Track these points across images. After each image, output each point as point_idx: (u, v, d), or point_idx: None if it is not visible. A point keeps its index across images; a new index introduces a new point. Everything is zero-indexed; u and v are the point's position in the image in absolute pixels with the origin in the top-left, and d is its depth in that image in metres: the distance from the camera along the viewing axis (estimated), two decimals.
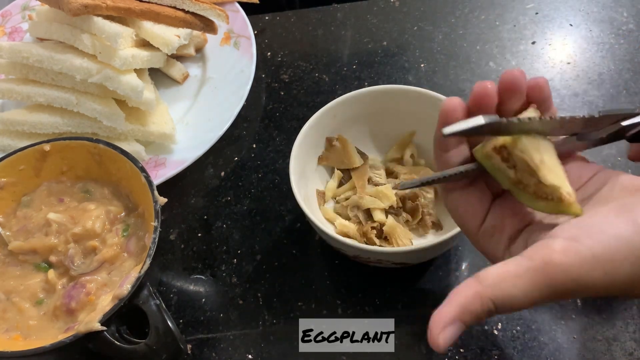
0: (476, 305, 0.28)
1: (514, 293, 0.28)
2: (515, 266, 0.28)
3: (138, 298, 0.42)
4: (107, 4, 0.58)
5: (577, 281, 0.27)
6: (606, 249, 0.27)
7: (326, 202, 0.55)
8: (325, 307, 0.51)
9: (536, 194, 0.32)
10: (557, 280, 0.27)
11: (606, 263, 0.27)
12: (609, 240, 0.27)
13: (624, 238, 0.27)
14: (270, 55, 0.73)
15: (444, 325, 0.28)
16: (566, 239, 0.28)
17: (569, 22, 0.70)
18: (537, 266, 0.27)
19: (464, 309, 0.28)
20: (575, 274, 0.27)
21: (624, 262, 0.27)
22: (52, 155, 0.52)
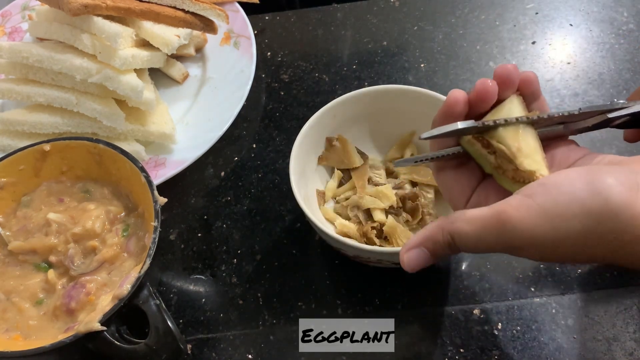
0: (438, 236, 0.33)
1: (469, 232, 0.31)
2: (478, 212, 0.31)
3: (138, 298, 0.42)
4: (107, 4, 0.58)
5: (525, 233, 0.30)
6: (556, 205, 0.29)
7: (326, 202, 0.55)
8: (325, 307, 0.51)
9: (514, 178, 0.34)
10: (506, 231, 0.30)
11: (554, 217, 0.29)
12: (561, 197, 0.29)
13: (577, 197, 0.29)
14: (270, 55, 0.73)
15: (409, 248, 0.34)
16: (523, 195, 0.30)
17: (569, 22, 0.70)
18: (492, 214, 0.31)
19: (428, 237, 0.34)
20: (524, 227, 0.29)
21: (573, 220, 0.29)
22: (52, 155, 0.52)
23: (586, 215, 0.29)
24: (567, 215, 0.29)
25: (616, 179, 0.29)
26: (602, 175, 0.29)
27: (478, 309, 0.49)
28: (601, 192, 0.29)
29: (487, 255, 0.51)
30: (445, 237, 0.33)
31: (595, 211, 0.29)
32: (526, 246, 0.31)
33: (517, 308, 0.48)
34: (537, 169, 0.33)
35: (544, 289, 0.49)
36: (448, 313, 0.49)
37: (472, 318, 0.48)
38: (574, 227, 0.29)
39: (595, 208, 0.29)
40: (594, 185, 0.29)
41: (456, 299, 0.49)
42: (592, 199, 0.29)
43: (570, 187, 0.29)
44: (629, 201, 0.29)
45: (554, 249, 0.30)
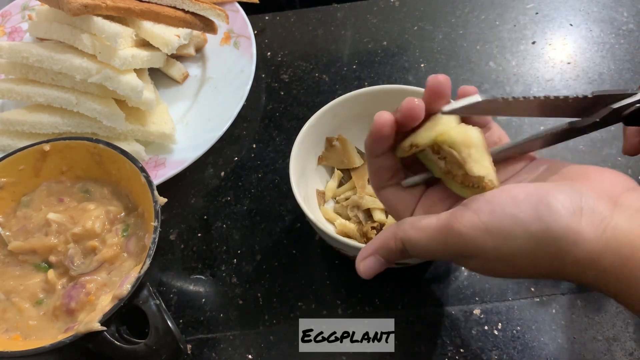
0: (391, 243, 0.35)
1: (419, 240, 0.33)
2: (427, 220, 0.34)
3: (138, 298, 0.42)
4: (107, 4, 0.58)
5: (470, 246, 0.31)
6: (499, 226, 0.31)
7: (326, 202, 0.55)
8: (325, 307, 0.51)
9: (463, 183, 0.35)
10: (453, 241, 0.32)
11: (497, 237, 0.31)
12: (504, 219, 0.31)
13: (520, 220, 0.30)
14: (270, 55, 0.73)
15: (364, 257, 0.36)
16: (470, 210, 0.32)
17: (569, 22, 0.70)
18: (440, 225, 0.33)
19: (381, 245, 0.36)
20: (468, 240, 0.31)
21: (515, 240, 0.30)
22: (52, 155, 0.51)
23: (528, 238, 0.30)
24: (509, 236, 0.30)
25: (560, 203, 0.30)
26: (547, 197, 0.30)
27: (478, 309, 0.49)
28: (543, 217, 0.30)
29: None
30: (397, 245, 0.35)
31: (537, 235, 0.30)
32: (472, 256, 0.32)
33: (517, 308, 0.48)
34: (485, 174, 0.34)
35: (544, 289, 0.49)
36: (448, 313, 0.49)
37: (472, 318, 0.48)
38: (517, 247, 0.30)
39: (537, 232, 0.30)
40: (537, 209, 0.30)
41: (456, 299, 0.49)
42: (534, 224, 0.30)
43: (514, 208, 0.30)
44: (570, 227, 0.30)
45: (497, 262, 0.32)
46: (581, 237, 0.30)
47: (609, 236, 0.30)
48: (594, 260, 0.30)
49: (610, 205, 0.30)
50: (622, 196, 0.31)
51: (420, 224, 0.34)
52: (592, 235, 0.30)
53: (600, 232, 0.30)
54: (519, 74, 0.66)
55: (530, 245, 0.30)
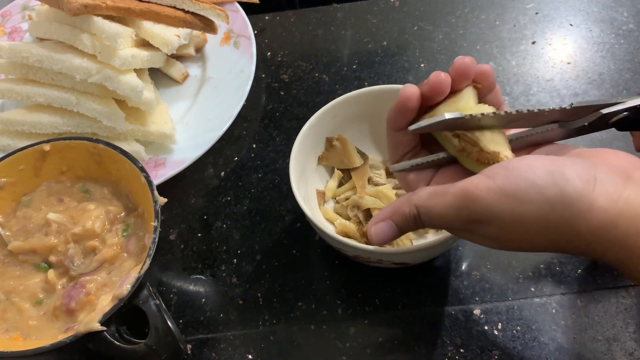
0: (405, 209, 0.35)
1: (434, 206, 0.34)
2: (443, 188, 0.34)
3: (138, 298, 0.42)
4: (107, 4, 0.58)
5: (485, 208, 0.31)
6: (515, 188, 0.31)
7: (326, 202, 0.55)
8: (325, 307, 0.51)
9: (479, 160, 0.35)
10: (468, 205, 0.32)
11: (513, 200, 0.31)
12: (521, 182, 0.31)
13: (535, 184, 0.31)
14: (270, 55, 0.73)
15: (377, 221, 0.36)
16: (485, 175, 0.32)
17: (569, 22, 0.70)
18: (456, 192, 0.33)
19: (395, 210, 0.36)
20: (483, 203, 0.31)
21: (530, 204, 0.31)
22: (52, 155, 0.51)
23: (543, 202, 0.30)
24: (524, 199, 0.31)
25: (575, 172, 0.31)
26: (561, 167, 0.31)
27: (478, 309, 0.49)
28: (558, 182, 0.30)
29: (487, 255, 0.51)
30: (411, 210, 0.35)
31: (551, 199, 0.30)
32: (487, 221, 0.32)
33: (517, 308, 0.48)
34: (500, 150, 0.35)
35: (544, 289, 0.49)
36: (448, 313, 0.49)
37: (472, 318, 0.48)
38: (531, 211, 0.31)
39: (551, 196, 0.30)
40: (553, 175, 0.31)
41: (456, 299, 0.49)
42: (549, 188, 0.30)
43: (530, 173, 0.31)
44: (583, 193, 0.30)
45: (511, 228, 0.32)
46: (594, 204, 0.30)
47: (623, 205, 0.30)
48: (607, 228, 0.30)
49: (623, 179, 0.31)
50: (634, 173, 0.32)
51: (435, 191, 0.34)
52: (606, 203, 0.30)
53: (614, 202, 0.30)
54: (519, 74, 0.66)
55: (544, 210, 0.30)
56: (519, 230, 0.32)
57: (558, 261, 0.50)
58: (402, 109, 0.37)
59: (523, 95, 0.63)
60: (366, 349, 0.48)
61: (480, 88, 0.37)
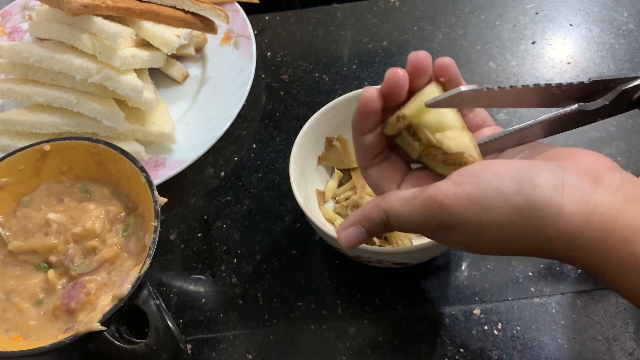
0: (374, 214, 0.35)
1: (402, 211, 0.33)
2: (411, 193, 0.34)
3: (138, 298, 0.42)
4: (107, 4, 0.58)
5: (452, 217, 0.32)
6: (482, 197, 0.31)
7: (326, 202, 0.55)
8: (325, 307, 0.51)
9: (445, 162, 0.35)
10: (436, 211, 0.32)
11: (479, 208, 0.31)
12: (487, 191, 0.31)
13: (503, 192, 0.31)
14: (270, 55, 0.73)
15: (346, 226, 0.36)
16: (453, 182, 0.32)
17: (569, 22, 0.70)
18: (424, 196, 0.33)
19: (364, 215, 0.35)
20: (451, 211, 0.31)
21: (497, 212, 0.31)
22: (52, 155, 0.51)
23: (510, 210, 0.30)
24: (492, 207, 0.31)
25: (543, 178, 0.31)
26: (529, 173, 0.31)
27: (478, 309, 0.49)
28: (525, 190, 0.30)
29: (487, 255, 0.51)
30: (380, 215, 0.35)
31: (519, 207, 0.30)
32: (454, 228, 0.32)
33: (517, 308, 0.48)
34: (464, 149, 0.34)
35: (544, 289, 0.49)
36: (448, 313, 0.49)
37: (472, 318, 0.48)
38: (499, 219, 0.31)
39: (518, 204, 0.30)
40: (520, 183, 0.31)
41: (456, 299, 0.49)
42: (516, 196, 0.30)
43: (497, 182, 0.31)
44: (551, 200, 0.30)
45: (480, 235, 0.32)
46: (562, 211, 0.30)
47: (590, 211, 0.30)
48: (576, 234, 0.30)
49: (592, 183, 0.31)
50: (603, 176, 0.32)
51: (403, 196, 0.34)
52: (574, 209, 0.30)
53: (582, 207, 0.30)
54: (519, 74, 0.66)
55: (512, 218, 0.31)
56: (488, 236, 0.32)
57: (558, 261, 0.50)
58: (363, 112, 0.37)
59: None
60: (366, 349, 0.48)
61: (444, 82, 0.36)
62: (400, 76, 0.35)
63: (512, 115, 0.62)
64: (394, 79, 0.35)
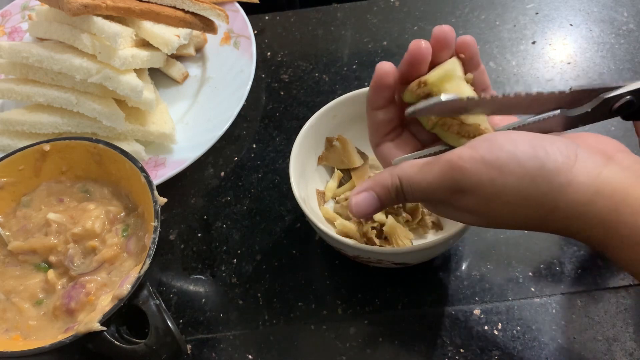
0: (387, 180, 0.35)
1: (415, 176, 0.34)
2: (425, 160, 0.34)
3: (138, 298, 0.42)
4: (107, 4, 0.58)
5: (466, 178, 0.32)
6: (497, 159, 0.31)
7: (326, 202, 0.55)
8: (325, 307, 0.51)
9: (459, 133, 0.36)
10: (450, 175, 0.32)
11: (494, 170, 0.31)
12: (502, 154, 0.31)
13: (516, 156, 0.31)
14: (270, 55, 0.73)
15: (359, 192, 0.36)
16: (468, 147, 0.33)
17: (569, 22, 0.70)
18: (440, 162, 0.33)
19: (377, 181, 0.35)
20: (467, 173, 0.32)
21: (510, 176, 0.31)
22: (52, 155, 0.51)
23: (523, 174, 0.31)
24: (505, 170, 0.31)
25: (557, 147, 0.31)
26: (543, 142, 0.32)
27: (478, 309, 0.49)
28: (539, 156, 0.31)
29: (487, 255, 0.51)
30: (394, 181, 0.35)
31: (531, 171, 0.31)
32: (468, 191, 0.32)
33: (517, 308, 0.48)
34: (481, 122, 0.35)
35: (544, 289, 0.49)
36: (448, 313, 0.49)
37: (472, 318, 0.48)
38: (511, 182, 0.31)
39: (531, 168, 0.31)
40: (535, 149, 0.31)
41: (456, 299, 0.49)
42: (530, 160, 0.31)
43: (512, 146, 0.32)
44: (564, 167, 0.31)
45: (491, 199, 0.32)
46: (574, 179, 0.31)
47: (602, 181, 0.31)
48: (585, 204, 0.31)
49: (604, 158, 0.32)
50: (615, 155, 0.32)
51: (418, 162, 0.34)
52: (585, 179, 0.31)
53: (593, 178, 0.31)
54: (519, 74, 0.65)
55: (524, 181, 0.31)
56: (498, 201, 0.32)
57: (558, 261, 0.50)
58: (378, 85, 0.37)
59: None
60: (366, 349, 0.48)
61: (463, 59, 0.37)
62: (424, 47, 0.35)
63: None
64: (417, 50, 0.35)
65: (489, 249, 0.52)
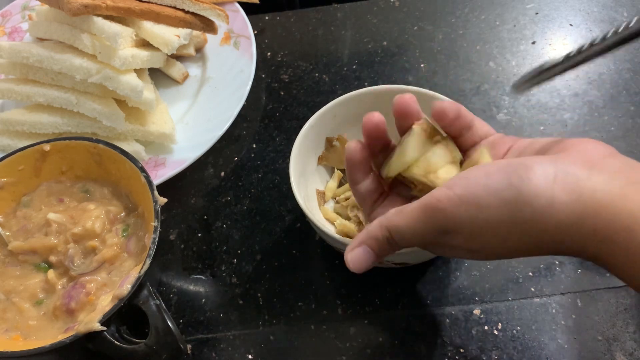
0: (377, 232, 0.35)
1: (402, 224, 0.34)
2: (409, 206, 0.34)
3: (138, 298, 0.42)
4: (107, 4, 0.58)
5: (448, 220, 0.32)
6: (472, 196, 0.31)
7: (326, 202, 0.55)
8: (325, 307, 0.51)
9: None
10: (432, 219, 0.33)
11: (471, 207, 0.31)
12: (478, 189, 0.31)
13: (493, 189, 0.31)
14: (270, 55, 0.73)
15: (352, 247, 0.36)
16: (445, 187, 0.33)
17: (569, 22, 0.70)
18: (420, 205, 0.33)
19: (369, 234, 0.36)
20: (447, 214, 0.32)
21: (490, 209, 0.31)
22: (52, 155, 0.52)
23: (501, 205, 0.31)
24: (483, 204, 0.31)
25: (532, 171, 0.30)
26: (517, 168, 0.31)
27: (478, 309, 0.49)
28: (514, 183, 0.30)
29: None
30: (383, 233, 0.35)
31: (510, 201, 0.30)
32: (452, 232, 0.32)
33: (517, 308, 0.48)
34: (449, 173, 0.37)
35: (544, 289, 0.49)
36: (448, 313, 0.49)
37: (472, 318, 0.48)
38: (492, 215, 0.31)
39: (509, 198, 0.30)
40: (509, 177, 0.31)
41: (456, 299, 0.49)
42: (505, 190, 0.30)
43: (487, 179, 0.31)
44: (541, 190, 0.30)
45: (478, 236, 0.32)
46: (555, 199, 0.30)
47: (587, 199, 0.29)
48: (575, 223, 0.30)
49: (585, 169, 0.30)
50: (600, 161, 0.31)
51: (401, 209, 0.35)
52: (567, 198, 0.30)
53: (577, 195, 0.29)
54: (518, 74, 0.65)
55: (504, 212, 0.31)
56: (485, 236, 0.32)
57: (558, 261, 0.50)
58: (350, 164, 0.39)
59: (523, 95, 0.63)
60: (366, 349, 0.48)
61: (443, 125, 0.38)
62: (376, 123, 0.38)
63: (512, 115, 0.62)
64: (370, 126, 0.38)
65: None
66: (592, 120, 0.60)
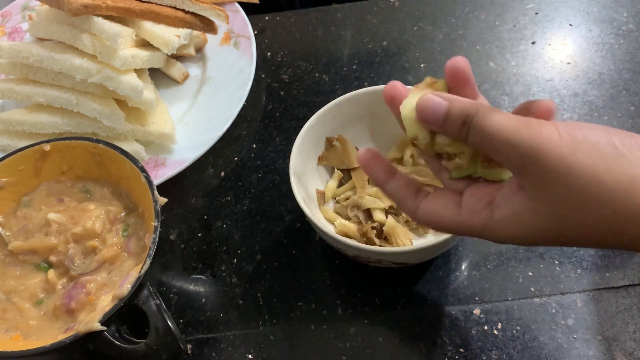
0: (468, 102, 0.33)
1: (495, 120, 0.30)
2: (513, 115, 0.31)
3: (138, 298, 0.42)
4: (107, 4, 0.58)
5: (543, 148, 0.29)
6: (571, 138, 0.29)
7: (326, 202, 0.55)
8: (325, 307, 0.51)
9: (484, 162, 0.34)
10: (529, 136, 0.29)
11: (565, 147, 0.28)
12: (577, 134, 0.29)
13: (592, 139, 0.28)
14: (270, 55, 0.73)
15: (433, 95, 0.34)
16: (551, 123, 0.29)
17: (569, 22, 0.70)
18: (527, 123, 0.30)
19: (458, 98, 0.34)
20: (552, 146, 0.28)
21: (583, 155, 0.28)
22: (52, 155, 0.52)
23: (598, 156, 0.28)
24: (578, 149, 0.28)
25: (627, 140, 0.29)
26: (616, 132, 0.29)
27: (478, 309, 0.49)
28: (614, 143, 0.29)
29: (487, 255, 0.52)
30: (474, 106, 0.31)
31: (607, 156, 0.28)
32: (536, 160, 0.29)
33: (517, 308, 0.48)
34: None
35: (544, 289, 0.49)
36: (448, 313, 0.49)
37: (472, 318, 0.48)
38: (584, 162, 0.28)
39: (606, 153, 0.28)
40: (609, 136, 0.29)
41: (456, 299, 0.49)
42: (606, 146, 0.28)
43: (587, 130, 0.29)
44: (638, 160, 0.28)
45: (556, 178, 0.29)
46: None
47: None
48: None
49: None
50: None
51: (504, 113, 0.31)
52: None
53: None
54: (519, 74, 0.66)
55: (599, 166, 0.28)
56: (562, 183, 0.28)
57: (558, 261, 0.51)
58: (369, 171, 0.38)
59: (523, 95, 0.63)
60: (366, 349, 0.48)
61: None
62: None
63: None
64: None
65: (489, 249, 0.52)
66: (592, 120, 0.60)
